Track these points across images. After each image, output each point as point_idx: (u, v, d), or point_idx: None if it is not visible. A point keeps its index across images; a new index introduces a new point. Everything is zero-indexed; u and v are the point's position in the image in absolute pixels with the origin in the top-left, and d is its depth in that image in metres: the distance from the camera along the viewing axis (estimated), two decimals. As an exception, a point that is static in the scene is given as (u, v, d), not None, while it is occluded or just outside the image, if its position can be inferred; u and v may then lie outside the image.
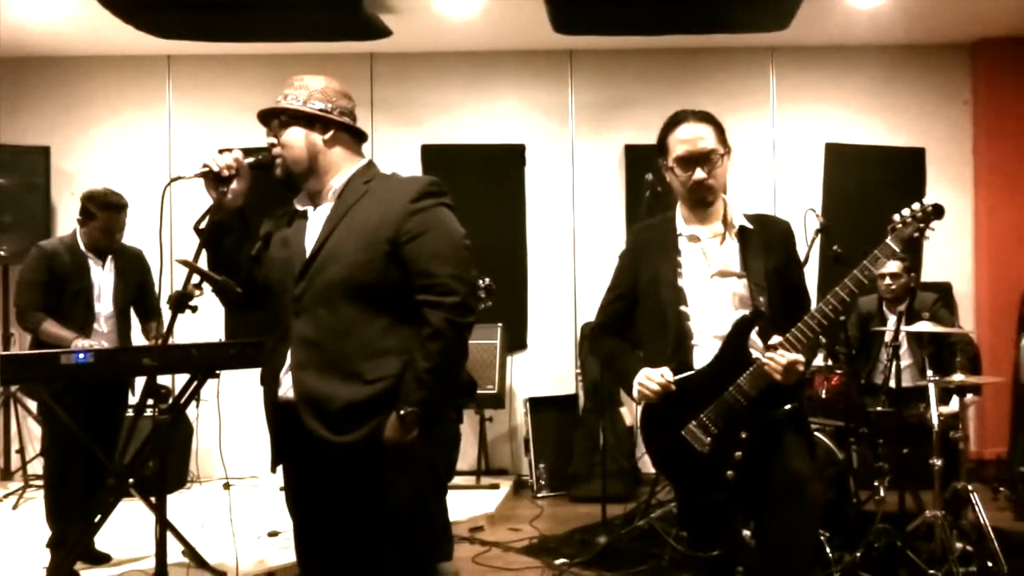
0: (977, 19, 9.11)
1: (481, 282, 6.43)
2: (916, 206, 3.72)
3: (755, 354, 3.82)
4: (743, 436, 3.80)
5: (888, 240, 3.73)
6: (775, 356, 3.69)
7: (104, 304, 6.54)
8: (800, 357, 3.71)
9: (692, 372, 3.90)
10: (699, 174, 3.89)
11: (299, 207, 3.79)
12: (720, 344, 3.88)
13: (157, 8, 8.23)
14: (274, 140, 3.68)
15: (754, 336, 3.87)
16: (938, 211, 3.70)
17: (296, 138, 3.66)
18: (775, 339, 3.75)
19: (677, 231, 4.04)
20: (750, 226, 4.00)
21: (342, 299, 3.53)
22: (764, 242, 3.98)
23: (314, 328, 3.55)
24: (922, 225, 3.72)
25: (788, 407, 3.86)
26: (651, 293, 4.03)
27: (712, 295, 3.94)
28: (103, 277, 6.54)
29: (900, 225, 3.74)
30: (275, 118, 3.68)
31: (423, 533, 3.72)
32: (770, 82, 9.94)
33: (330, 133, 3.71)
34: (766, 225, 4.06)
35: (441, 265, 3.53)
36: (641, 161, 9.30)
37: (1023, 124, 9.58)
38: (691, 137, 3.91)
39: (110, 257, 6.55)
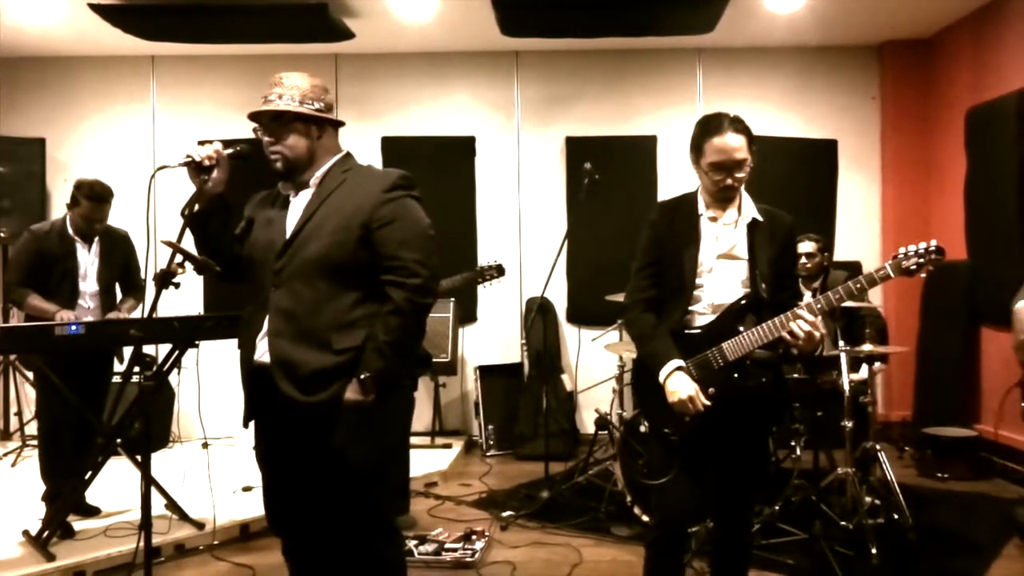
0: (884, 23, 9.19)
1: (492, 261, 6.64)
2: (923, 245, 3.69)
3: (741, 329, 3.94)
4: (710, 391, 3.92)
5: (887, 265, 3.72)
6: (804, 315, 3.77)
7: (89, 283, 6.50)
8: (817, 323, 3.79)
9: (694, 331, 4.03)
10: (730, 181, 3.95)
11: (283, 192, 3.87)
12: (718, 313, 4.00)
13: (143, 13, 8.20)
14: (270, 138, 3.71)
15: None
16: (940, 252, 3.70)
17: (298, 137, 3.71)
18: (806, 300, 3.85)
19: (699, 212, 4.10)
20: (760, 218, 4.06)
21: (317, 275, 3.60)
22: (770, 234, 4.05)
23: (291, 300, 3.60)
24: (922, 261, 3.69)
25: (755, 383, 3.98)
26: (673, 264, 4.09)
27: (719, 272, 4.02)
28: (89, 258, 6.49)
29: (902, 256, 3.72)
30: (276, 119, 3.70)
31: (381, 485, 3.77)
32: (697, 80, 9.97)
33: (322, 129, 3.79)
34: (774, 219, 4.10)
35: (407, 251, 3.59)
36: (580, 151, 9.55)
37: (925, 118, 9.67)
38: (728, 148, 3.91)
39: (96, 240, 6.51)
